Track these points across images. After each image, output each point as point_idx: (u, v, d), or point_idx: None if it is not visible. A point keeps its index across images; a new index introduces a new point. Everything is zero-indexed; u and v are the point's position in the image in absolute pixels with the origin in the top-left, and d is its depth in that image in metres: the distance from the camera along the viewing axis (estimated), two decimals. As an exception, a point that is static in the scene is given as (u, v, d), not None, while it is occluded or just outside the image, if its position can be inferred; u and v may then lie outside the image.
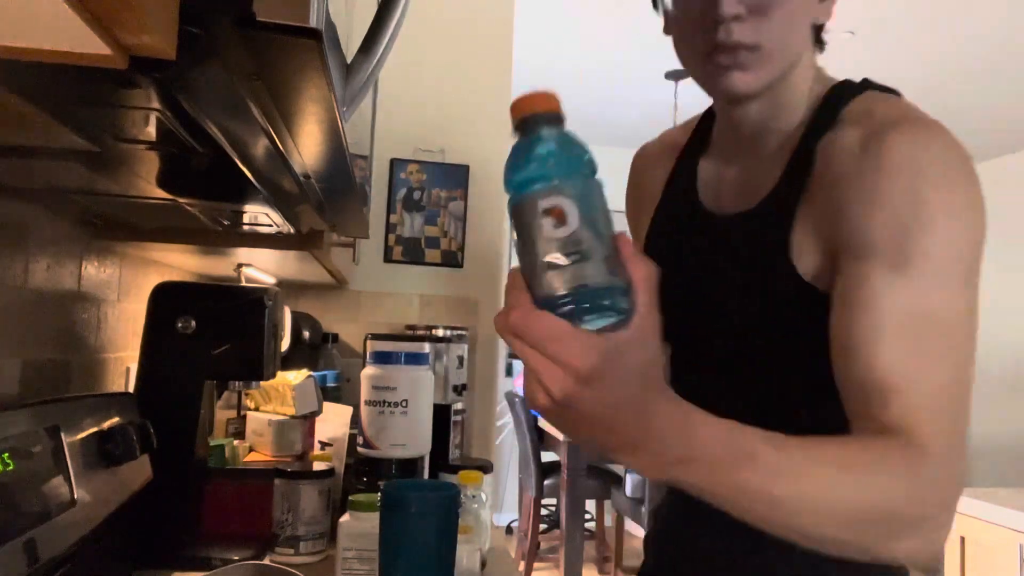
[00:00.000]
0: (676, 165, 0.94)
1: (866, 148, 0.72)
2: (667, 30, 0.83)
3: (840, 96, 0.80)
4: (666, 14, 0.82)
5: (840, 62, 4.82)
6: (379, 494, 0.90)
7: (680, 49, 0.81)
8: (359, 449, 1.19)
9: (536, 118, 0.51)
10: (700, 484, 0.57)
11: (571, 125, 0.52)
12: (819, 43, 0.82)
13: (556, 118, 0.51)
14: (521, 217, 0.50)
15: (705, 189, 0.90)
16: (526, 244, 0.50)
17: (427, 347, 1.60)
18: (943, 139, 0.70)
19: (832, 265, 0.74)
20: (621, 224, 0.64)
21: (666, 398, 0.56)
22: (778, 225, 0.78)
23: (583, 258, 0.48)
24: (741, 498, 0.58)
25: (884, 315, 0.67)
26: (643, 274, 0.52)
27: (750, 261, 0.81)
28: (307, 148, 0.72)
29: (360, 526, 1.04)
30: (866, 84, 0.81)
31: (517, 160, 0.50)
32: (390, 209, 2.37)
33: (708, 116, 0.95)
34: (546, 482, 4.14)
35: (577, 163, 0.51)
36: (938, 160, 0.69)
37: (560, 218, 0.48)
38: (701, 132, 0.94)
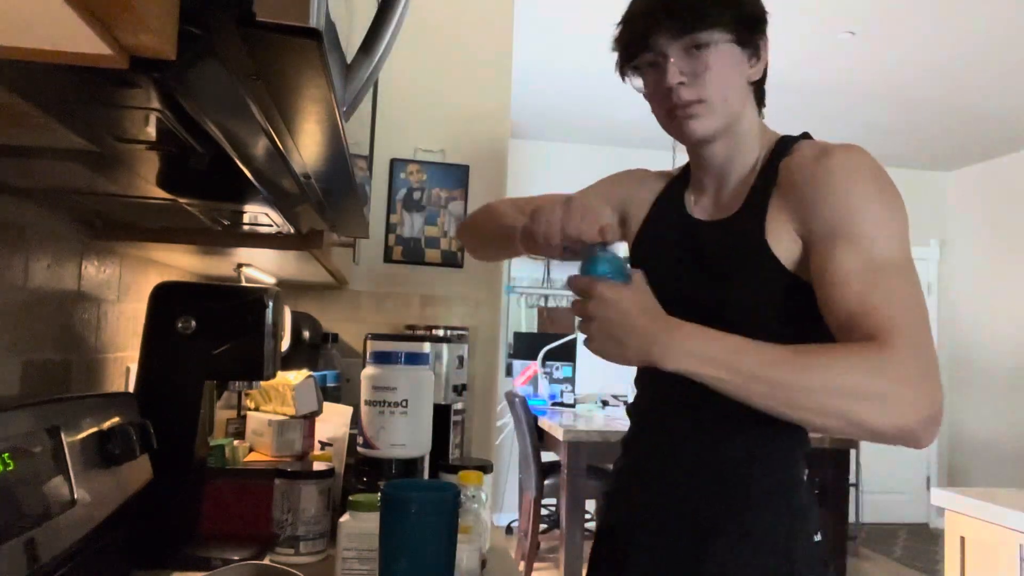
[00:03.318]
0: (665, 190, 1.23)
1: (817, 160, 0.99)
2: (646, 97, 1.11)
3: (789, 139, 1.08)
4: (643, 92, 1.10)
5: (840, 62, 4.76)
6: (379, 494, 0.90)
7: (654, 113, 1.09)
8: (359, 449, 1.19)
9: (592, 245, 0.96)
10: (705, 372, 0.87)
11: (571, 124, 0.53)
12: (760, 100, 1.10)
13: (602, 244, 0.96)
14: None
15: (689, 208, 1.17)
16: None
17: (427, 347, 1.60)
18: (868, 156, 1.00)
19: (802, 248, 0.99)
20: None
21: (669, 318, 0.92)
22: (756, 223, 1.03)
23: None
24: (740, 379, 0.85)
25: (850, 272, 0.91)
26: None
27: (734, 254, 1.05)
28: (307, 148, 0.72)
29: (360, 526, 1.04)
30: (805, 135, 1.10)
31: (584, 264, 0.96)
32: (390, 209, 2.37)
33: (688, 166, 1.24)
34: (546, 482, 4.14)
35: (615, 262, 0.95)
36: (867, 167, 0.98)
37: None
38: (685, 173, 1.22)
